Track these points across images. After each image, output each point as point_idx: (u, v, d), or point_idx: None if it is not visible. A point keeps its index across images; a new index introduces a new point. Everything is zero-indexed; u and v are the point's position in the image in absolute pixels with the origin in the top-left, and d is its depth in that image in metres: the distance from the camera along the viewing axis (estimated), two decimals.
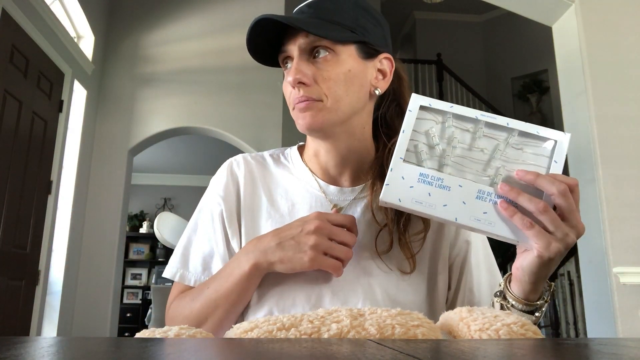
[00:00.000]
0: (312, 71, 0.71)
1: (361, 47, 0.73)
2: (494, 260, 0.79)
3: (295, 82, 0.70)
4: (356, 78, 0.72)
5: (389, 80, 0.76)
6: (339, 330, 0.43)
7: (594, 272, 2.35)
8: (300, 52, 0.71)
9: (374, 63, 0.75)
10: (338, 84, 0.70)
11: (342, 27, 0.71)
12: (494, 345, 0.36)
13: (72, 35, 3.65)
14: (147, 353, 0.31)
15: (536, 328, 0.48)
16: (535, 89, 6.87)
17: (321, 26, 0.69)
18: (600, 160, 2.33)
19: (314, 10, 0.72)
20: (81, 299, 3.63)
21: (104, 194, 3.84)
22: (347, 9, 0.73)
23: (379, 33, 0.76)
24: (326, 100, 0.70)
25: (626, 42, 2.50)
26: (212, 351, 0.34)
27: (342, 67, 0.71)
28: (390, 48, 0.79)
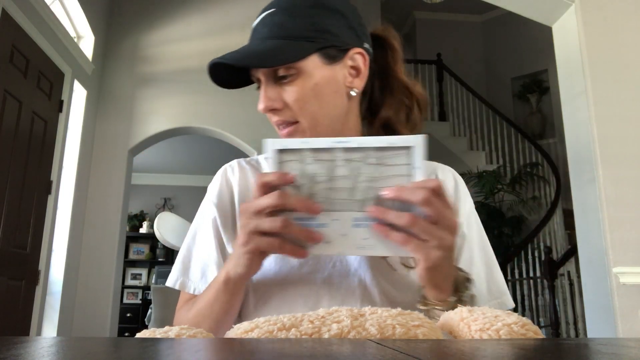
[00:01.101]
0: (280, 95, 0.69)
1: (324, 53, 0.69)
2: (491, 253, 0.77)
3: (267, 110, 0.69)
4: (326, 87, 0.69)
5: (364, 75, 0.72)
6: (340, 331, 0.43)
7: (594, 272, 2.35)
8: (265, 78, 0.69)
9: (344, 63, 0.71)
10: (309, 101, 0.68)
11: (298, 40, 0.67)
12: (494, 345, 0.36)
13: (72, 35, 3.65)
14: (147, 353, 0.31)
15: (537, 328, 0.48)
16: (535, 89, 6.87)
17: (273, 51, 0.66)
18: (600, 160, 2.33)
19: (268, 29, 0.69)
20: (81, 299, 3.63)
21: (104, 194, 3.84)
22: (302, 15, 0.68)
23: (343, 26, 0.71)
24: (302, 121, 0.69)
25: (626, 42, 2.50)
26: (212, 351, 0.34)
27: (309, 82, 0.68)
28: (363, 34, 0.74)
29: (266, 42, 0.67)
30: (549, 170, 5.75)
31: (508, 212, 5.62)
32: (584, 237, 2.46)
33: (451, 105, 6.39)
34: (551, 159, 5.79)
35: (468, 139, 6.24)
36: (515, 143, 6.20)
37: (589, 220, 2.40)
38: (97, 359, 0.29)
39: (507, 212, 5.62)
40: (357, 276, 0.69)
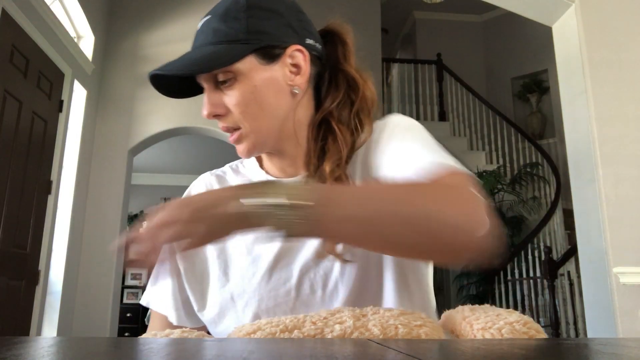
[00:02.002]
0: (221, 99, 0.69)
1: (260, 54, 0.68)
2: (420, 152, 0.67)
3: (210, 116, 0.69)
4: (267, 89, 0.68)
5: (305, 72, 0.71)
6: (342, 332, 0.43)
7: (594, 272, 2.35)
8: (207, 84, 0.70)
9: (283, 61, 0.70)
10: (249, 104, 0.68)
11: (232, 43, 0.67)
12: (495, 345, 0.36)
13: (72, 35, 3.65)
14: (147, 353, 0.31)
15: (538, 326, 0.48)
16: (535, 89, 6.87)
17: (207, 57, 0.66)
18: (600, 160, 2.33)
19: (204, 36, 0.69)
20: (81, 299, 3.63)
21: (104, 194, 3.84)
22: (235, 19, 0.68)
23: (280, 24, 0.70)
24: (245, 126, 0.69)
25: (626, 42, 2.50)
26: (212, 351, 0.34)
27: (247, 85, 0.67)
28: (304, 30, 0.72)
29: (202, 49, 0.68)
30: (549, 170, 5.75)
31: (508, 212, 5.62)
32: (584, 237, 2.46)
33: (451, 105, 6.39)
34: (551, 159, 5.79)
35: (468, 139, 6.24)
36: (515, 143, 6.20)
37: (589, 220, 2.39)
38: (97, 359, 0.29)
39: (507, 212, 5.62)
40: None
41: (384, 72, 6.12)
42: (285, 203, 0.46)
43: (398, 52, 8.06)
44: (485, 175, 5.63)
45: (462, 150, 6.13)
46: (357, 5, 5.11)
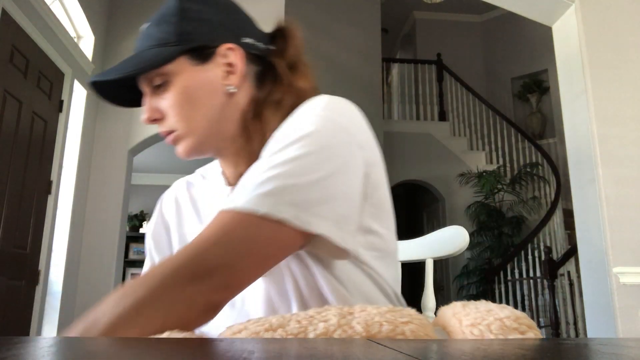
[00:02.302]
0: (157, 104, 0.69)
1: (191, 54, 0.68)
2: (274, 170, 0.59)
3: (148, 121, 0.69)
4: (199, 90, 0.68)
5: (241, 71, 0.70)
6: (326, 330, 0.42)
7: (594, 272, 2.35)
8: (146, 90, 0.70)
9: (216, 61, 0.69)
10: (182, 106, 0.68)
11: (163, 46, 0.67)
12: (495, 345, 0.36)
13: (72, 35, 3.65)
14: (147, 353, 0.31)
15: (531, 322, 0.47)
16: (535, 89, 6.88)
17: (138, 60, 0.67)
18: (600, 160, 2.33)
19: (140, 42, 0.70)
20: (81, 299, 3.63)
21: (104, 194, 3.84)
22: (168, 22, 0.68)
23: (213, 25, 0.69)
24: (179, 128, 0.68)
25: (626, 42, 2.50)
26: (212, 351, 0.34)
27: (178, 87, 0.67)
28: (240, 29, 0.71)
29: (136, 55, 0.68)
30: (549, 170, 5.75)
31: (508, 212, 5.62)
32: (584, 237, 2.46)
33: (451, 105, 6.39)
34: (551, 159, 5.80)
35: (468, 139, 6.24)
36: (515, 143, 6.20)
37: (589, 220, 2.39)
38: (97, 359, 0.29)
39: (507, 212, 5.62)
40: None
41: (384, 72, 6.12)
42: None
43: (398, 52, 8.06)
44: (485, 175, 5.63)
45: (462, 150, 6.14)
46: (357, 5, 5.11)
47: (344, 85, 4.57)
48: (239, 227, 0.53)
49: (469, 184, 5.77)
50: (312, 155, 0.58)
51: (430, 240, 1.07)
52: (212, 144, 0.71)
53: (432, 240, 1.06)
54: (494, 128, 6.30)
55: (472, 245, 5.36)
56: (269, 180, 0.55)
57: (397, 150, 5.89)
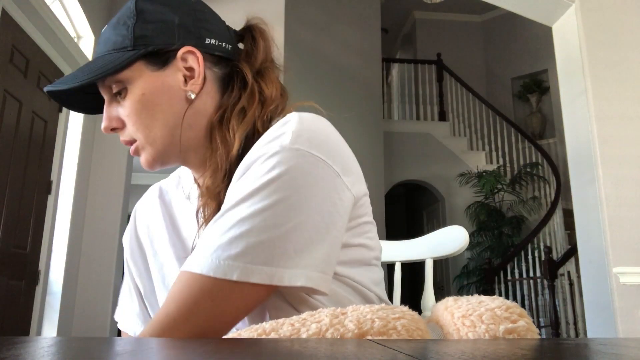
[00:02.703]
0: (117, 112, 0.66)
1: (148, 59, 0.64)
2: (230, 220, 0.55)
3: (107, 130, 0.66)
4: (158, 96, 0.64)
5: (199, 75, 0.65)
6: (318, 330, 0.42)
7: (594, 272, 2.35)
8: (105, 97, 0.67)
9: (175, 65, 0.65)
10: (139, 114, 0.64)
11: (119, 51, 0.63)
12: (495, 345, 0.36)
13: (72, 35, 3.65)
14: (147, 353, 0.31)
15: (522, 310, 0.47)
16: (535, 89, 6.88)
17: (92, 67, 0.63)
18: (600, 160, 2.33)
19: (98, 47, 0.67)
20: (81, 299, 3.63)
21: (104, 194, 3.84)
22: (123, 25, 0.65)
23: (171, 27, 0.65)
24: (139, 137, 0.65)
25: (626, 42, 2.50)
26: (212, 351, 0.34)
27: (135, 94, 0.64)
28: (202, 30, 0.67)
29: (93, 61, 0.65)
30: (549, 170, 5.75)
31: (508, 212, 5.62)
32: (584, 237, 2.46)
33: (451, 105, 6.40)
34: (551, 159, 5.80)
35: (468, 139, 6.25)
36: (515, 143, 6.20)
37: (589, 220, 2.40)
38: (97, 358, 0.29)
39: (507, 212, 5.62)
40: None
41: (384, 72, 6.12)
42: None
43: (398, 52, 8.07)
44: (485, 175, 5.63)
45: (462, 150, 6.14)
46: (357, 5, 5.11)
47: (344, 85, 4.57)
48: (209, 297, 0.51)
49: (469, 184, 5.77)
50: (285, 202, 0.53)
51: (430, 240, 1.07)
52: (175, 153, 0.67)
53: (432, 240, 1.06)
54: (494, 128, 6.30)
55: (472, 245, 5.37)
56: (239, 238, 0.52)
57: (397, 150, 5.88)
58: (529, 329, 0.46)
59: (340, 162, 0.58)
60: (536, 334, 0.47)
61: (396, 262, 1.10)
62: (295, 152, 0.55)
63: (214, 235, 0.54)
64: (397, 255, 1.10)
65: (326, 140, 0.58)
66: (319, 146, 0.57)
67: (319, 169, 0.56)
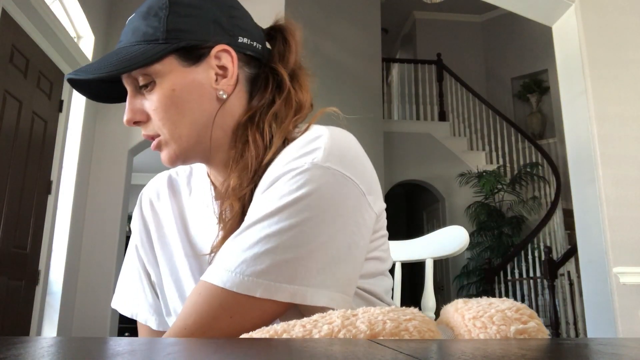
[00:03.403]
0: (142, 106, 0.63)
1: (181, 54, 0.62)
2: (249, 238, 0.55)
3: (130, 123, 0.64)
4: (188, 93, 0.62)
5: (232, 75, 0.64)
6: (330, 331, 0.43)
7: (594, 272, 2.35)
8: (129, 88, 0.64)
9: (208, 63, 0.63)
10: (167, 110, 0.62)
11: (150, 43, 0.61)
12: (495, 345, 0.36)
13: (72, 35, 3.65)
14: (148, 353, 0.31)
15: (532, 312, 0.48)
16: (535, 89, 6.88)
17: (123, 57, 0.60)
18: (600, 160, 2.33)
19: (125, 37, 0.63)
20: (81, 299, 3.63)
21: (104, 194, 3.84)
22: (155, 16, 0.62)
23: (205, 22, 0.63)
24: (164, 133, 0.63)
25: (626, 42, 2.50)
26: (212, 351, 0.34)
27: (164, 89, 0.61)
28: (236, 28, 0.65)
29: (120, 51, 0.62)
30: (549, 170, 5.75)
31: (508, 212, 5.62)
32: (584, 237, 2.46)
33: (451, 105, 6.40)
34: (551, 159, 5.80)
35: (468, 139, 6.24)
36: (515, 143, 6.20)
37: (589, 220, 2.39)
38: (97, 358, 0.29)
39: (507, 212, 5.62)
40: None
41: (384, 72, 6.12)
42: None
43: (398, 52, 8.06)
44: (485, 175, 5.63)
45: (462, 150, 6.14)
46: (357, 5, 5.11)
47: (344, 85, 4.57)
48: (229, 312, 0.52)
49: (469, 184, 5.77)
50: (312, 221, 0.53)
51: (430, 240, 1.07)
52: (199, 152, 0.65)
53: (432, 240, 1.06)
54: (494, 128, 6.30)
55: (472, 245, 5.36)
56: (264, 255, 0.52)
57: (397, 150, 5.88)
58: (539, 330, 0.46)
59: (367, 181, 0.59)
60: (546, 335, 0.48)
61: (396, 262, 1.10)
62: (326, 171, 0.55)
63: (237, 249, 0.54)
64: (397, 255, 1.10)
65: (355, 159, 0.59)
66: (349, 165, 0.57)
67: (347, 188, 0.56)
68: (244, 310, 0.52)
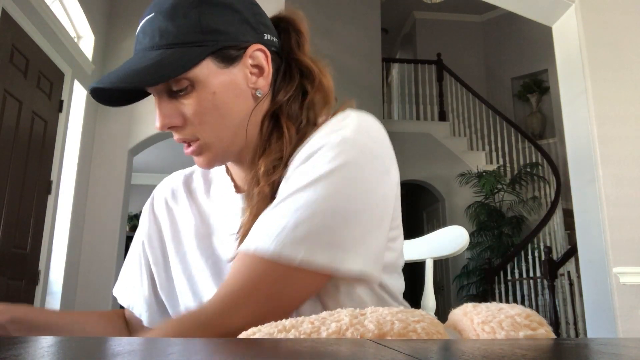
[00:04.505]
0: (177, 110, 0.61)
1: (219, 55, 0.61)
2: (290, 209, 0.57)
3: (164, 128, 0.62)
4: (226, 94, 0.62)
5: (268, 74, 0.65)
6: (338, 329, 0.43)
7: (594, 272, 2.35)
8: (158, 94, 0.62)
9: (244, 62, 0.63)
10: (208, 113, 0.61)
11: (185, 46, 0.59)
12: (495, 345, 0.36)
13: (72, 35, 3.65)
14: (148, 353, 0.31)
15: (541, 319, 0.48)
16: (535, 89, 6.88)
17: (159, 64, 0.58)
18: (600, 160, 2.33)
19: (149, 39, 0.60)
20: (81, 299, 3.63)
21: (104, 194, 3.84)
22: (185, 16, 0.60)
23: (236, 21, 0.62)
24: (204, 136, 0.62)
25: (626, 42, 2.50)
26: (212, 351, 0.34)
27: (205, 93, 0.60)
28: (261, 25, 0.65)
29: (149, 54, 0.59)
30: (549, 170, 5.75)
31: (508, 212, 5.62)
32: (584, 237, 2.46)
33: (451, 105, 6.40)
34: (551, 159, 5.80)
35: (468, 139, 6.24)
36: (515, 143, 6.20)
37: (589, 220, 2.39)
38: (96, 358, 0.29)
39: (507, 212, 5.62)
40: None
41: (384, 72, 6.12)
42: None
43: (398, 52, 8.07)
44: (485, 175, 5.63)
45: (462, 150, 6.14)
46: (357, 5, 5.11)
47: (344, 85, 4.57)
48: (271, 280, 0.53)
49: (469, 184, 5.77)
50: (346, 191, 0.55)
51: (430, 240, 1.07)
52: (235, 151, 0.66)
53: (432, 240, 1.06)
54: (494, 128, 6.30)
55: (472, 245, 5.36)
56: (303, 223, 0.53)
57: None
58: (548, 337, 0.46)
59: (390, 161, 0.62)
60: None
61: None
62: (356, 146, 0.58)
63: (276, 218, 0.55)
64: None
65: (381, 139, 0.62)
66: (375, 144, 0.60)
67: (375, 164, 0.59)
68: (284, 280, 0.53)
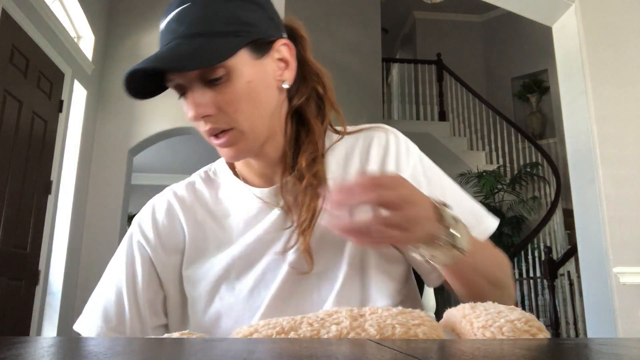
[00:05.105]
0: (211, 98, 0.62)
1: (252, 47, 0.64)
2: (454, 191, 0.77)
3: (198, 118, 0.63)
4: (259, 84, 0.64)
5: (293, 67, 0.68)
6: (339, 332, 0.43)
7: (594, 272, 2.35)
8: (191, 83, 0.63)
9: (271, 56, 0.67)
10: (243, 102, 0.63)
11: (223, 35, 0.62)
12: (494, 345, 0.36)
13: (72, 35, 3.65)
14: (147, 353, 0.31)
15: (540, 324, 0.48)
16: (535, 89, 6.88)
17: (202, 50, 0.60)
18: (600, 160, 2.33)
19: (186, 27, 0.61)
20: (81, 299, 3.63)
21: (104, 194, 3.84)
22: (221, 8, 0.63)
23: (264, 18, 0.66)
24: (238, 126, 0.64)
25: (626, 42, 2.50)
26: (213, 351, 0.34)
27: (241, 82, 0.62)
28: (281, 24, 0.70)
29: (188, 42, 0.61)
30: (549, 170, 5.75)
31: (508, 212, 5.62)
32: (584, 237, 2.46)
33: (451, 105, 6.39)
34: (551, 159, 5.79)
35: (468, 139, 6.24)
36: (515, 143, 6.20)
37: (589, 220, 2.39)
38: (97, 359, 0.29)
39: (507, 212, 5.62)
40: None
41: (384, 72, 6.12)
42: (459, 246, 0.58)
43: (398, 52, 8.06)
44: (485, 175, 5.63)
45: (462, 150, 6.13)
46: (357, 5, 5.11)
47: (344, 85, 4.57)
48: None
49: (469, 184, 5.76)
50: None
51: None
52: (262, 142, 0.68)
53: None
54: (494, 128, 6.29)
55: None
56: (473, 200, 0.75)
57: None
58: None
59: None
60: None
61: None
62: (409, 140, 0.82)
63: (468, 203, 0.74)
64: None
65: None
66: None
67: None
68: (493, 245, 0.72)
